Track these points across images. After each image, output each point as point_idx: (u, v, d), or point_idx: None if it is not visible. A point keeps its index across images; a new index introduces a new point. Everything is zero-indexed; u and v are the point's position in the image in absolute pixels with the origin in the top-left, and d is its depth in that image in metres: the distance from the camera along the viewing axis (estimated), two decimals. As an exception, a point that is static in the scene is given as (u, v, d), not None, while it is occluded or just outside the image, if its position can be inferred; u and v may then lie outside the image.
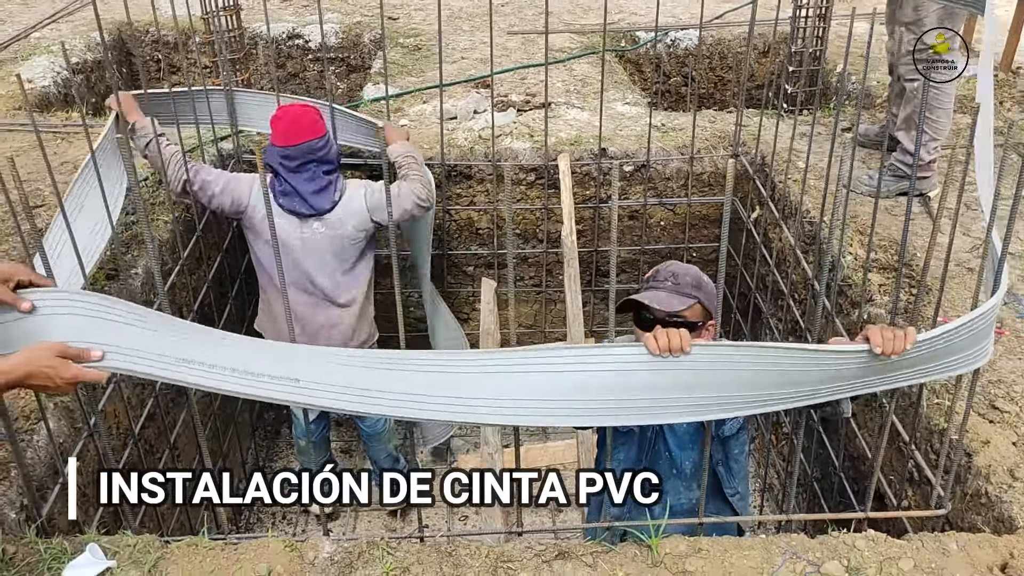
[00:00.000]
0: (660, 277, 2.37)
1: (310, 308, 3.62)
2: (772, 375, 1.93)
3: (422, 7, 6.75)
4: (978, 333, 2.06)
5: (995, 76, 4.99)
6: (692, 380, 1.90)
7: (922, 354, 1.98)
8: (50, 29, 5.98)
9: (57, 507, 2.44)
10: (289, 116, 3.44)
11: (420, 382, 1.94)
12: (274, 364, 1.93)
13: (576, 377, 1.91)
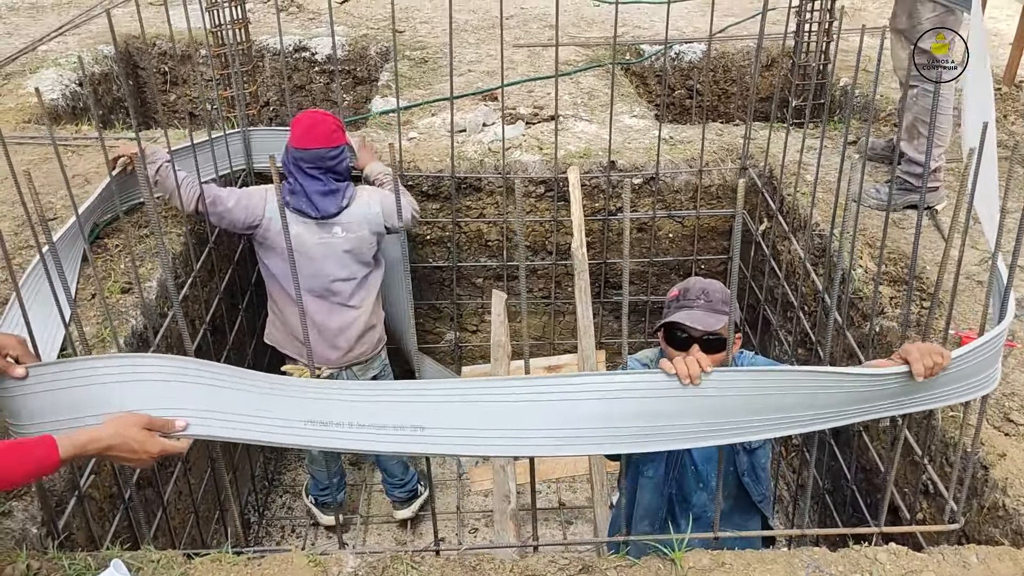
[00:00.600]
0: (691, 296, 2.38)
1: (325, 313, 3.65)
2: (800, 398, 1.94)
3: (427, 20, 6.78)
4: (987, 359, 2.09)
5: (999, 90, 5.03)
6: (717, 406, 1.92)
7: (944, 375, 2.00)
8: (57, 42, 6.00)
9: (76, 522, 2.45)
10: (308, 121, 3.53)
11: (461, 412, 1.94)
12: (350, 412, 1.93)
13: (599, 405, 1.91)
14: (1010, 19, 6.43)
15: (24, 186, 2.23)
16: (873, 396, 2.01)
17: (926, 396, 2.06)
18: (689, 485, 2.50)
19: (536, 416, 1.92)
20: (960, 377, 2.07)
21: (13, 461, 1.70)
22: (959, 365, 2.03)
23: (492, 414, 1.93)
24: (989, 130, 2.35)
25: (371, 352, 3.81)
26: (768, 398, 1.93)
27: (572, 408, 1.92)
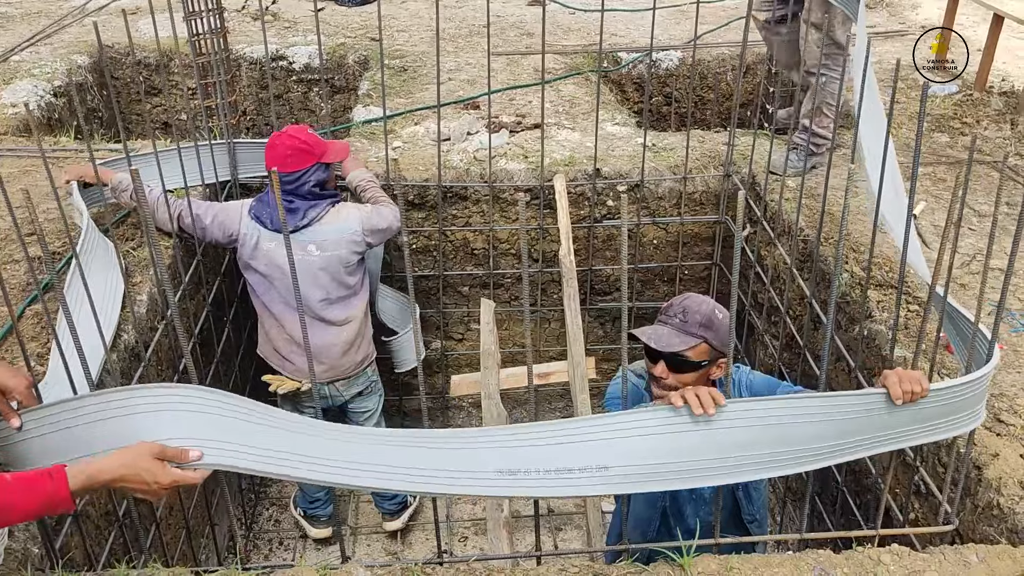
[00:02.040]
0: (671, 312, 2.39)
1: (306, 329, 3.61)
2: (802, 428, 2.00)
3: (404, 29, 6.78)
4: (974, 396, 2.16)
5: (971, 95, 5.14)
6: (724, 440, 1.96)
7: (930, 408, 2.07)
8: (29, 52, 5.90)
9: (74, 540, 2.42)
10: (273, 144, 3.54)
11: (439, 457, 1.96)
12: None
13: (599, 447, 1.93)
14: (976, 26, 6.57)
15: (20, 200, 2.20)
16: (862, 426, 2.06)
17: (916, 429, 2.11)
18: (683, 496, 2.52)
19: (543, 458, 1.94)
20: (947, 412, 2.13)
21: (19, 491, 1.63)
22: (943, 398, 2.10)
23: (491, 458, 1.94)
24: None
25: (355, 369, 3.79)
26: (767, 429, 1.98)
27: (575, 451, 1.94)
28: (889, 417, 2.06)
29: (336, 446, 1.93)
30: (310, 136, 3.57)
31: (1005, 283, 2.11)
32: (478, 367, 4.17)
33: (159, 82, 6.11)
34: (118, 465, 1.71)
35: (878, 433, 2.08)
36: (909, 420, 2.08)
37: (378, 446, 1.96)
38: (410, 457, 1.94)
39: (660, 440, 1.94)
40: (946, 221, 2.14)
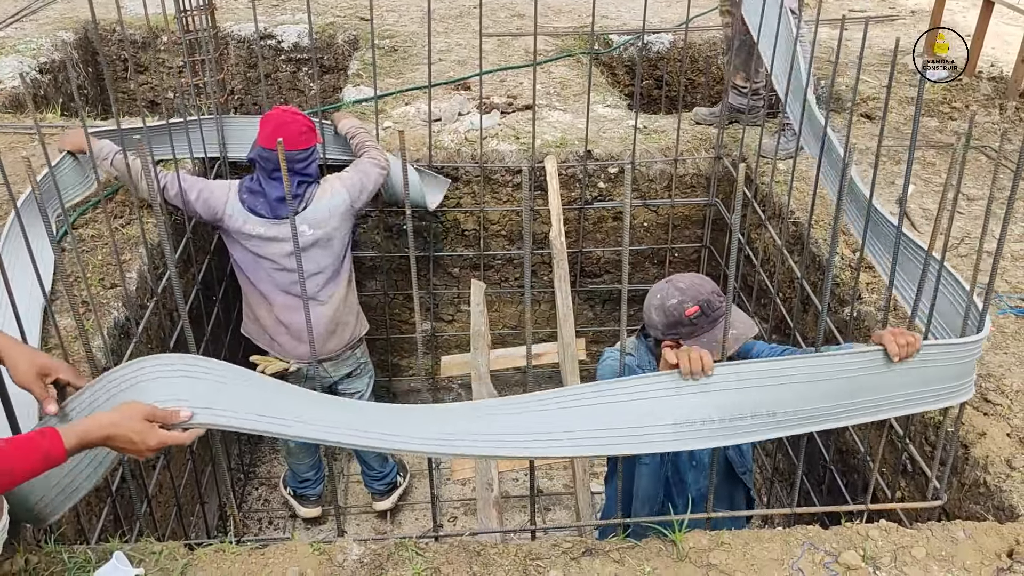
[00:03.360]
0: (715, 306, 2.32)
1: (292, 309, 3.61)
2: (796, 389, 2.03)
3: (394, 8, 6.73)
4: (963, 366, 2.19)
5: (960, 80, 5.17)
6: (721, 401, 1.99)
7: (922, 370, 2.10)
8: (14, 28, 5.83)
9: (66, 515, 2.41)
10: (276, 121, 3.46)
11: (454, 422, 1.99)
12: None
13: (601, 410, 1.98)
14: (966, 11, 6.60)
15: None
16: (857, 386, 2.09)
17: (909, 396, 2.15)
18: (684, 465, 2.55)
19: (547, 422, 1.98)
20: (937, 377, 2.16)
21: (17, 455, 1.67)
22: (934, 358, 2.12)
23: (505, 422, 1.98)
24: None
25: (341, 348, 3.78)
26: (762, 390, 2.01)
27: (578, 415, 1.98)
28: (881, 379, 2.08)
29: (323, 410, 1.96)
30: (307, 117, 3.57)
31: (994, 267, 2.13)
32: (468, 348, 4.17)
33: (145, 60, 6.04)
34: (108, 424, 1.75)
35: (870, 396, 2.10)
36: (900, 383, 2.10)
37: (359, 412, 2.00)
38: (394, 420, 1.97)
39: (656, 404, 1.97)
40: (939, 205, 2.15)
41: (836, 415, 2.09)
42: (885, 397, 2.13)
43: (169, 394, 1.85)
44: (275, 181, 3.44)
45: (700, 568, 2.07)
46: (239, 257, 3.60)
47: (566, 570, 2.06)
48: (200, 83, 4.31)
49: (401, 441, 1.96)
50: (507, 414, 2.01)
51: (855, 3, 7.11)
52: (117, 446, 1.79)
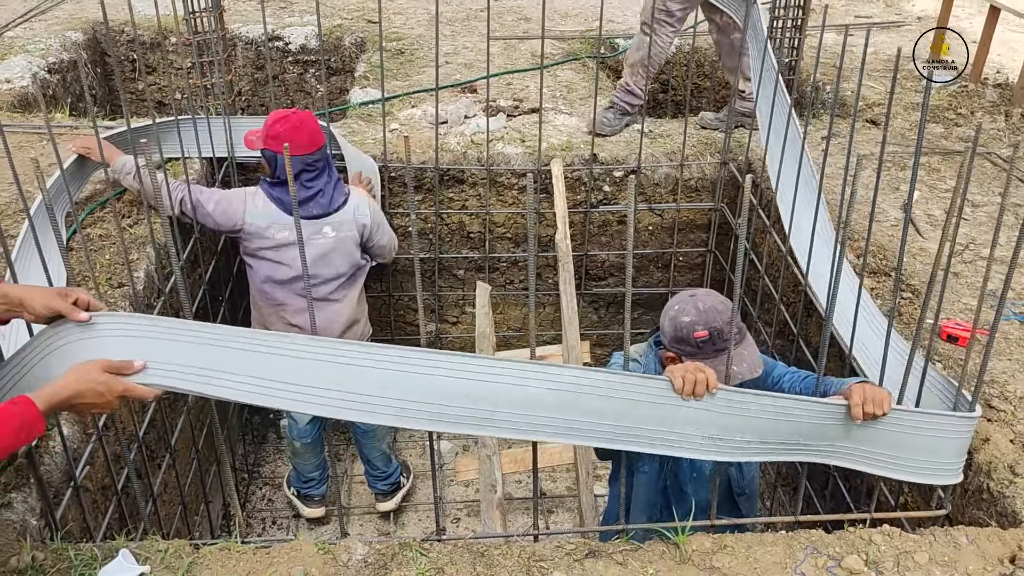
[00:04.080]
0: (725, 336, 2.26)
1: (306, 312, 3.62)
2: (782, 424, 2.11)
3: (401, 11, 6.75)
4: (946, 442, 2.22)
5: (966, 87, 5.17)
6: (707, 420, 2.05)
7: (887, 431, 2.16)
8: (24, 28, 5.86)
9: (71, 513, 2.43)
10: (307, 124, 3.45)
11: (452, 388, 1.98)
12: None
13: (591, 400, 1.99)
14: (972, 18, 6.60)
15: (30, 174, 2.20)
16: (822, 433, 2.15)
17: (876, 455, 2.20)
18: (684, 476, 2.55)
19: (546, 403, 1.96)
20: (911, 446, 2.20)
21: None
22: (908, 426, 2.17)
23: (500, 396, 1.97)
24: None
25: None
26: (749, 420, 2.08)
27: (570, 399, 1.98)
28: (846, 431, 2.14)
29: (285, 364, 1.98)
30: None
31: (1009, 273, 2.14)
32: (473, 350, 4.19)
33: (153, 60, 6.07)
34: (72, 381, 1.80)
35: (840, 443, 2.17)
36: (866, 439, 2.16)
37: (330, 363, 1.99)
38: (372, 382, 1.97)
39: (653, 408, 2.01)
40: (948, 212, 2.16)
41: (814, 451, 2.17)
42: (854, 449, 2.18)
43: (126, 351, 1.92)
44: (320, 178, 3.48)
45: (703, 571, 2.08)
46: (257, 266, 3.60)
47: (569, 572, 2.07)
48: (208, 84, 4.33)
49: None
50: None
51: (861, 9, 7.12)
52: (86, 402, 1.84)
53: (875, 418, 2.10)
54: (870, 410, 2.08)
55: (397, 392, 1.95)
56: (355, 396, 1.95)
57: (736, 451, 2.10)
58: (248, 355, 1.96)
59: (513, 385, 1.96)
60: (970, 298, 3.22)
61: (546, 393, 1.96)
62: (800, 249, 3.53)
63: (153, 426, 3.19)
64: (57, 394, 1.77)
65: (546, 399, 1.97)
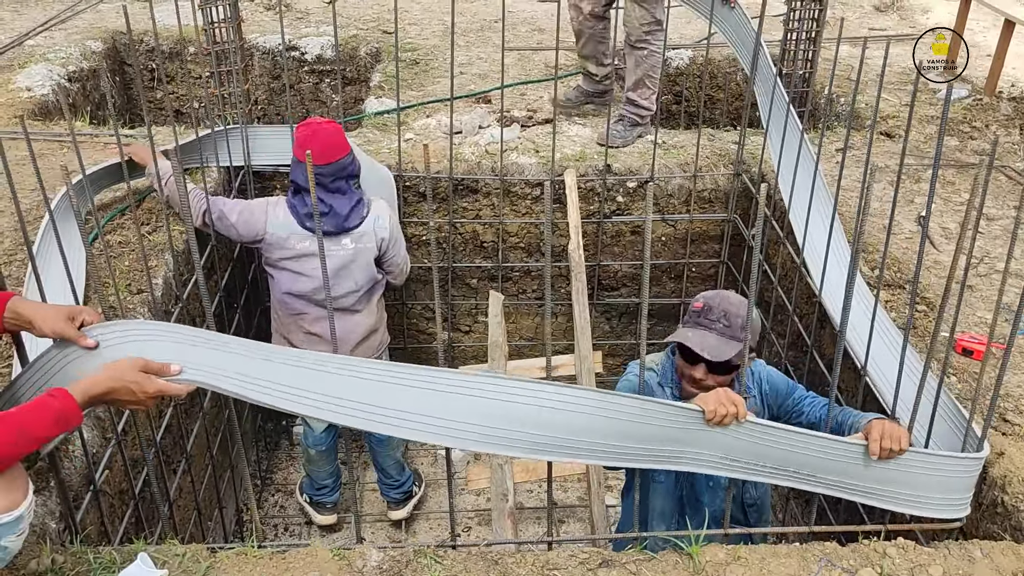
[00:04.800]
0: (713, 316, 2.36)
1: (326, 321, 3.64)
2: (801, 457, 2.16)
3: (416, 22, 6.80)
4: (957, 480, 2.25)
5: (981, 100, 5.17)
6: (731, 445, 2.10)
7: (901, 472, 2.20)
8: (44, 37, 5.93)
9: (89, 517, 2.45)
10: (322, 134, 3.44)
11: (460, 406, 1.99)
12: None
13: (614, 424, 2.01)
14: (987, 31, 6.60)
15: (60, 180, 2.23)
16: (839, 468, 2.19)
17: (889, 492, 2.24)
18: (700, 486, 2.56)
19: (568, 424, 1.99)
20: (923, 485, 2.23)
21: (31, 418, 1.74)
22: (921, 467, 2.20)
23: (513, 415, 1.98)
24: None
25: (373, 354, 3.82)
26: (769, 450, 2.14)
27: (592, 423, 2.00)
28: (860, 469, 2.19)
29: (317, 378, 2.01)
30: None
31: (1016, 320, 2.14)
32: (485, 359, 4.20)
33: (171, 70, 6.13)
34: (107, 378, 1.85)
35: (850, 480, 2.21)
36: (879, 478, 2.20)
37: (361, 380, 2.01)
38: (389, 397, 1.98)
39: (668, 431, 2.04)
40: (962, 226, 2.16)
41: (829, 484, 2.22)
42: (867, 486, 2.22)
43: (166, 355, 1.97)
44: (337, 193, 3.47)
45: (716, 582, 2.08)
46: (277, 276, 3.63)
47: (583, 581, 2.07)
48: (225, 93, 4.37)
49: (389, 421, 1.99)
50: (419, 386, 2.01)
51: (875, 21, 7.12)
52: (120, 399, 1.88)
53: (892, 454, 2.14)
54: (887, 446, 2.13)
55: (424, 408, 1.98)
56: (401, 414, 1.99)
57: (754, 473, 2.15)
58: (278, 365, 2.01)
59: (549, 408, 1.98)
60: (985, 311, 3.22)
61: (577, 417, 1.99)
62: (814, 261, 3.54)
63: (169, 431, 3.21)
64: (92, 388, 1.82)
65: (574, 422, 1.99)
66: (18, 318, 1.99)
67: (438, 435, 1.98)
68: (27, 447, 1.73)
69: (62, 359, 1.98)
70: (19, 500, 1.79)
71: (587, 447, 2.00)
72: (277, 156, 4.17)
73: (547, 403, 1.96)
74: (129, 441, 2.81)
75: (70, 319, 1.97)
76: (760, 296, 4.32)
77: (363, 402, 1.97)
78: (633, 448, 2.04)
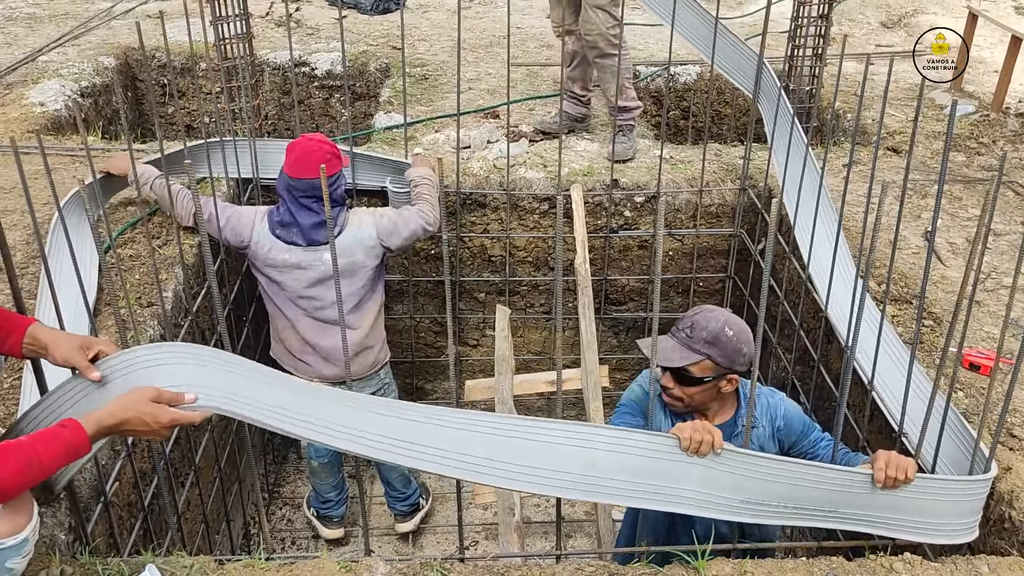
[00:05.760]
0: (680, 326, 2.44)
1: (319, 332, 3.67)
2: (793, 489, 2.15)
3: (425, 38, 6.86)
4: (965, 505, 2.25)
5: (987, 116, 5.18)
6: (716, 479, 2.10)
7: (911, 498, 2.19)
8: (57, 53, 6.00)
9: (98, 529, 2.47)
10: (302, 148, 3.47)
11: (462, 439, 2.03)
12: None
13: (592, 455, 2.04)
14: (993, 47, 6.61)
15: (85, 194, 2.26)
16: (855, 501, 2.18)
17: (897, 520, 2.22)
18: None
19: (552, 457, 2.03)
20: (933, 511, 2.23)
21: (42, 447, 1.75)
22: (930, 492, 2.20)
23: (518, 450, 2.02)
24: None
25: (367, 371, 3.83)
26: (758, 482, 2.12)
27: (585, 456, 2.03)
28: (868, 498, 2.17)
29: (335, 410, 2.02)
30: (333, 143, 3.63)
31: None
32: (492, 373, 4.21)
33: (183, 85, 6.19)
34: (119, 409, 1.85)
35: (860, 510, 2.20)
36: (889, 506, 2.19)
37: (374, 415, 2.03)
38: (408, 431, 2.02)
39: (650, 462, 2.06)
40: (973, 241, 2.17)
41: (831, 517, 2.20)
42: (873, 515, 2.21)
43: (179, 379, 1.96)
44: (304, 208, 3.48)
45: (722, 596, 2.08)
46: (264, 283, 3.67)
47: (589, 594, 2.08)
48: (236, 108, 4.42)
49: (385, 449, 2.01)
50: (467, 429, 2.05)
51: (883, 38, 7.14)
52: (133, 429, 1.88)
53: (896, 483, 2.13)
54: (892, 474, 2.13)
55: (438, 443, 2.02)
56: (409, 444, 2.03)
57: (737, 512, 2.15)
58: (302, 397, 2.02)
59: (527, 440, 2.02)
60: (992, 326, 3.22)
61: (550, 448, 2.02)
62: (819, 276, 3.55)
63: (178, 444, 3.24)
64: (105, 419, 1.82)
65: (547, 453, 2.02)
66: (35, 343, 2.02)
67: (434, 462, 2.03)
68: (37, 477, 1.75)
69: (73, 390, 2.00)
70: (23, 524, 1.82)
71: (562, 479, 2.03)
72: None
73: (519, 435, 2.01)
74: (138, 454, 2.83)
75: (84, 349, 1.98)
76: (767, 310, 4.32)
77: (381, 435, 2.01)
78: (616, 481, 2.05)
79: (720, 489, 2.09)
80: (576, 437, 2.02)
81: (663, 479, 2.06)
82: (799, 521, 2.18)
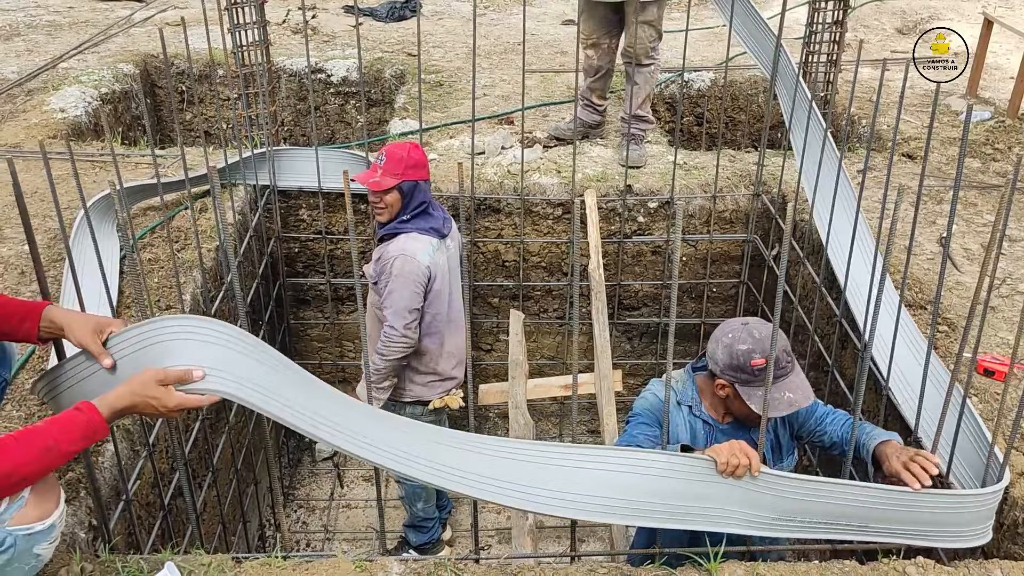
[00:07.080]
0: (781, 363, 2.33)
1: (461, 336, 3.70)
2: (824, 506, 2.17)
3: (440, 45, 6.91)
4: (981, 512, 2.26)
5: (1003, 122, 5.16)
6: (749, 499, 2.11)
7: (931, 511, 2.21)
8: (77, 60, 6.08)
9: (117, 527, 2.50)
10: (420, 161, 3.42)
11: (486, 465, 2.08)
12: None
13: (633, 479, 2.08)
14: (1009, 54, 6.59)
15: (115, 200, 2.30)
16: (884, 514, 2.20)
17: (911, 530, 2.24)
18: None
19: (575, 481, 2.11)
20: (953, 521, 2.24)
21: (59, 431, 1.77)
22: (948, 504, 2.21)
23: (536, 475, 2.09)
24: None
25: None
26: (789, 501, 2.14)
27: (607, 479, 2.09)
28: (891, 512, 2.19)
29: (352, 417, 2.04)
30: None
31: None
32: (506, 377, 4.23)
33: (201, 92, 6.26)
34: (127, 393, 1.86)
35: (874, 524, 2.21)
36: (904, 518, 2.21)
37: (393, 431, 2.06)
38: (431, 451, 2.05)
39: (684, 484, 2.09)
40: (988, 247, 2.18)
41: (854, 531, 2.21)
42: (890, 527, 2.22)
43: (189, 356, 1.91)
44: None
45: (735, 598, 2.09)
46: (433, 311, 3.53)
47: (602, 595, 2.09)
48: (253, 115, 4.47)
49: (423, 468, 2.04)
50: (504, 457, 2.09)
51: (898, 45, 7.14)
52: (144, 411, 1.89)
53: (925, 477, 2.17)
54: (925, 482, 2.15)
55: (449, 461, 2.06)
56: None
57: (781, 528, 2.17)
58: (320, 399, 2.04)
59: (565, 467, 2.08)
60: (1006, 332, 3.21)
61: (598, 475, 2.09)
62: (840, 271, 3.55)
63: (196, 445, 3.27)
64: (117, 403, 1.85)
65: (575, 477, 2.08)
66: (52, 325, 2.05)
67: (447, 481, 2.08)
68: (57, 462, 1.77)
69: (84, 370, 2.01)
70: (51, 509, 1.84)
71: (607, 505, 2.09)
72: (301, 177, 4.26)
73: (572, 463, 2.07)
74: (158, 453, 2.86)
75: (97, 332, 1.99)
76: (781, 316, 4.32)
77: (427, 459, 2.06)
78: (656, 505, 2.08)
79: (759, 509, 2.12)
80: (617, 463, 2.08)
81: (701, 500, 2.09)
82: (830, 535, 2.20)
